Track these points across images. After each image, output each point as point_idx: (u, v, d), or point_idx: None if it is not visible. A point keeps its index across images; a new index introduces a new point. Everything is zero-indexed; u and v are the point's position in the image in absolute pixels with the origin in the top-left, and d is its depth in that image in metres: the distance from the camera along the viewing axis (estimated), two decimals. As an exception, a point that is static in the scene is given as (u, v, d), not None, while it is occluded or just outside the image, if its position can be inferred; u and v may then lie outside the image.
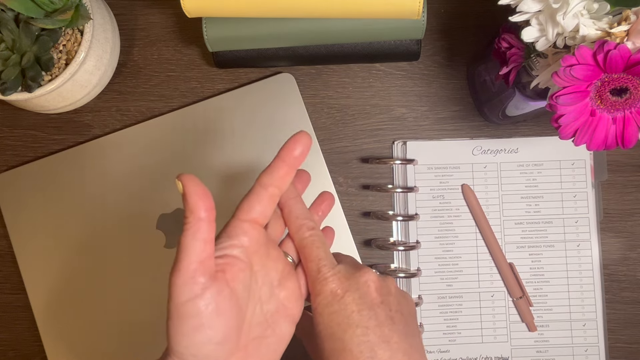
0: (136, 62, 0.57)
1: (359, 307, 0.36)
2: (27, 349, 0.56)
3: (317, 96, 0.56)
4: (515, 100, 0.47)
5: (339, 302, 0.36)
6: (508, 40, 0.42)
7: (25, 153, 0.57)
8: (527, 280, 0.54)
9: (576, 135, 0.36)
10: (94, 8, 0.50)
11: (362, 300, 0.37)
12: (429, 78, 0.56)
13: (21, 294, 0.56)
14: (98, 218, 0.55)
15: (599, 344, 0.54)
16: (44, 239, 0.55)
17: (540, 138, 0.55)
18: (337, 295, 0.37)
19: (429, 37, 0.56)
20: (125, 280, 0.55)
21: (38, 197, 0.55)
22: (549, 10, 0.35)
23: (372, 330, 0.36)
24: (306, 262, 0.38)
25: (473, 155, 0.55)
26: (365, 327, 0.36)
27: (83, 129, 0.56)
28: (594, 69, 0.33)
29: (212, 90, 0.56)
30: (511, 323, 0.54)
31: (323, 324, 0.37)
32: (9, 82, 0.47)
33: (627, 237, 0.55)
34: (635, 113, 0.35)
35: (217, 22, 0.50)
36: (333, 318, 0.36)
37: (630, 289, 0.55)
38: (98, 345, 0.54)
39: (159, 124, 0.56)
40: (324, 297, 0.37)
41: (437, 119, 0.56)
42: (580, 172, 0.55)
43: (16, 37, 0.48)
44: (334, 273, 0.37)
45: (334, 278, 0.37)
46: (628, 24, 0.33)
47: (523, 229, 0.55)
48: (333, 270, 0.38)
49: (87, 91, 0.52)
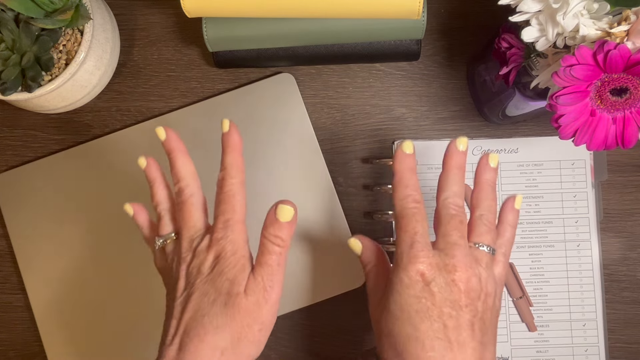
0: (136, 62, 0.57)
1: (442, 302, 0.35)
2: (27, 349, 0.56)
3: (317, 96, 0.56)
4: (515, 100, 0.47)
5: (422, 289, 0.35)
6: (508, 40, 0.42)
7: (25, 153, 0.57)
8: (527, 280, 0.54)
9: (576, 135, 0.36)
10: (94, 8, 0.50)
11: (447, 295, 0.35)
12: (429, 78, 0.56)
13: (21, 294, 0.56)
14: (98, 218, 0.55)
15: (599, 344, 0.54)
16: (44, 238, 0.55)
17: (540, 138, 0.55)
18: (423, 280, 0.35)
19: (429, 37, 0.56)
20: (125, 280, 0.55)
21: (38, 197, 0.55)
22: (549, 10, 0.35)
23: (450, 330, 0.35)
24: (400, 232, 0.37)
25: (473, 155, 0.55)
26: (444, 325, 0.35)
27: (83, 129, 0.56)
28: (594, 69, 0.33)
29: (212, 90, 0.56)
30: (511, 323, 0.54)
31: (399, 304, 0.36)
32: (9, 82, 0.47)
33: (627, 237, 0.55)
34: (635, 113, 0.35)
35: (217, 22, 0.50)
36: (412, 302, 0.35)
37: (630, 289, 0.55)
38: (98, 345, 0.54)
39: (159, 124, 0.55)
40: (408, 275, 0.36)
41: (437, 119, 0.56)
42: (580, 172, 0.55)
43: (16, 37, 0.48)
44: (427, 255, 0.36)
45: (425, 260, 0.36)
46: (628, 24, 0.33)
47: (523, 229, 0.55)
48: (427, 252, 0.36)
49: (87, 91, 0.52)
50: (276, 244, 0.38)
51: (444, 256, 0.37)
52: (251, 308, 0.36)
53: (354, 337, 0.55)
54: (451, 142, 0.41)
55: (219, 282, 0.37)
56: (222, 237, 0.38)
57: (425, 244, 0.37)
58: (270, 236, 0.38)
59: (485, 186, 0.40)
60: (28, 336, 0.56)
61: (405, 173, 0.39)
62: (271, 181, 0.54)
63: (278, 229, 0.38)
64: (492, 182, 0.40)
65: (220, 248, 0.38)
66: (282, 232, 0.38)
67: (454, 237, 0.37)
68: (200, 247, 0.38)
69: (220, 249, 0.38)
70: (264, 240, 0.38)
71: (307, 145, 0.55)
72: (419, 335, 0.35)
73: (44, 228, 0.55)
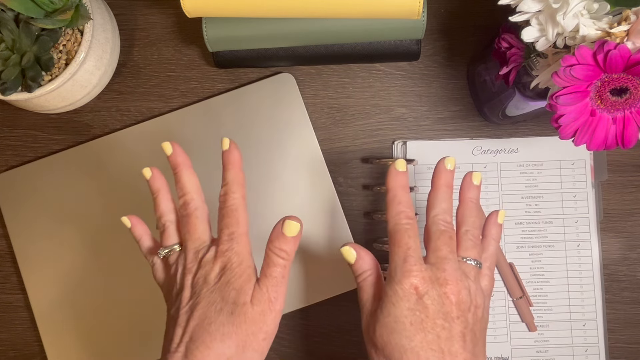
0: (136, 62, 0.57)
1: (435, 314, 0.37)
2: (27, 349, 0.56)
3: (317, 96, 0.56)
4: (515, 100, 0.47)
5: (416, 302, 0.37)
6: (508, 40, 0.42)
7: (25, 153, 0.57)
8: (527, 280, 0.54)
9: (576, 135, 0.36)
10: (94, 8, 0.50)
11: (439, 308, 0.37)
12: (429, 78, 0.56)
13: (21, 294, 0.56)
14: (98, 218, 0.55)
15: (599, 344, 0.54)
16: (44, 238, 0.55)
17: (540, 138, 0.55)
18: (416, 293, 0.37)
19: (429, 37, 0.56)
20: (124, 280, 0.55)
21: (38, 197, 0.55)
22: (549, 10, 0.35)
23: (443, 341, 0.36)
24: (394, 246, 0.39)
25: (473, 155, 0.55)
26: (437, 336, 0.36)
27: (83, 129, 0.56)
28: (594, 69, 0.33)
29: (212, 90, 0.56)
30: (511, 323, 0.54)
31: (394, 316, 0.37)
32: (9, 82, 0.47)
33: (627, 237, 0.55)
34: (635, 113, 0.35)
35: (217, 22, 0.50)
36: (407, 314, 0.37)
37: (630, 289, 0.55)
38: (98, 344, 0.54)
39: (159, 124, 0.56)
40: (402, 288, 0.37)
41: (437, 119, 0.56)
42: (580, 172, 0.55)
43: (16, 37, 0.48)
44: (420, 269, 0.38)
45: (418, 274, 0.37)
46: (628, 24, 0.33)
47: (523, 229, 0.55)
48: (419, 266, 0.38)
49: (87, 91, 0.52)
50: (281, 257, 0.39)
51: (435, 270, 0.38)
52: (257, 317, 0.38)
53: (354, 337, 0.55)
54: (439, 161, 0.42)
55: (226, 291, 0.38)
56: (228, 249, 0.39)
57: (417, 259, 0.38)
58: (275, 249, 0.39)
59: (470, 203, 0.43)
60: (28, 336, 0.56)
61: (399, 190, 0.41)
62: (271, 181, 0.54)
63: (284, 243, 0.39)
64: (475, 200, 0.43)
65: (227, 259, 0.39)
66: (288, 245, 0.39)
67: (444, 251, 0.39)
68: (206, 258, 0.39)
69: (227, 260, 0.39)
70: (269, 252, 0.39)
71: (307, 145, 0.55)
72: (414, 347, 0.36)
73: (44, 228, 0.55)
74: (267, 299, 0.38)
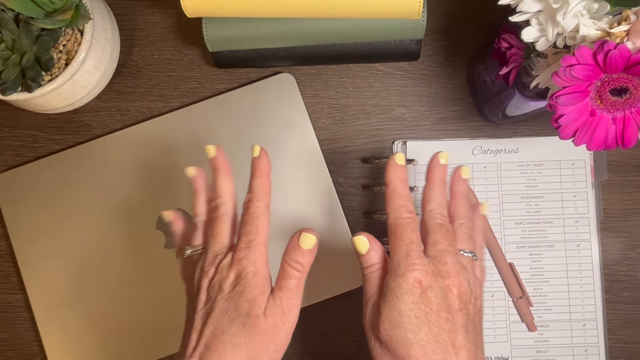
0: (136, 62, 0.57)
1: (439, 307, 0.37)
2: (27, 349, 0.56)
3: (317, 96, 0.56)
4: (515, 100, 0.47)
5: (420, 295, 0.37)
6: (508, 40, 0.42)
7: (25, 153, 0.57)
8: (527, 280, 0.54)
9: (576, 135, 0.36)
10: (94, 8, 0.50)
11: (443, 301, 0.37)
12: (429, 78, 0.56)
13: (21, 294, 0.56)
14: (98, 218, 0.55)
15: (599, 344, 0.54)
16: (44, 238, 0.55)
17: (540, 138, 0.55)
18: (420, 286, 0.37)
19: (429, 37, 0.56)
20: (125, 279, 0.55)
21: (38, 197, 0.55)
22: (549, 10, 0.35)
23: (447, 334, 0.37)
24: (396, 240, 0.39)
25: (473, 155, 0.55)
26: (442, 329, 0.37)
27: (83, 129, 0.56)
28: (594, 69, 0.33)
29: (212, 90, 0.56)
30: (511, 323, 0.54)
31: (399, 309, 0.37)
32: (9, 82, 0.47)
33: (627, 237, 0.55)
34: (635, 113, 0.35)
35: (217, 22, 0.50)
36: (412, 308, 0.37)
37: (630, 289, 0.55)
38: (98, 345, 0.54)
39: (159, 124, 0.56)
40: (407, 282, 0.37)
41: (437, 119, 0.56)
42: (580, 172, 0.55)
43: (16, 37, 0.48)
44: (423, 263, 0.38)
45: (421, 267, 0.38)
46: (628, 24, 0.33)
47: (523, 229, 0.55)
48: (422, 260, 0.38)
49: (87, 91, 0.52)
50: (296, 269, 0.39)
51: (437, 263, 0.39)
52: (269, 330, 0.38)
53: (354, 337, 0.55)
54: (433, 156, 0.43)
55: (240, 302, 0.38)
56: (244, 257, 0.39)
57: (420, 253, 0.39)
58: (291, 261, 0.39)
59: (460, 197, 0.43)
60: (28, 336, 0.56)
61: (399, 183, 0.41)
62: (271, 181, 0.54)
63: (300, 255, 0.39)
64: (465, 192, 0.44)
65: (242, 268, 0.39)
66: (304, 258, 0.39)
67: (444, 244, 0.40)
68: (223, 264, 0.39)
69: (242, 269, 0.39)
70: (284, 264, 0.39)
71: (307, 145, 0.55)
72: (419, 340, 0.36)
73: (44, 228, 0.55)
74: (280, 311, 0.38)
